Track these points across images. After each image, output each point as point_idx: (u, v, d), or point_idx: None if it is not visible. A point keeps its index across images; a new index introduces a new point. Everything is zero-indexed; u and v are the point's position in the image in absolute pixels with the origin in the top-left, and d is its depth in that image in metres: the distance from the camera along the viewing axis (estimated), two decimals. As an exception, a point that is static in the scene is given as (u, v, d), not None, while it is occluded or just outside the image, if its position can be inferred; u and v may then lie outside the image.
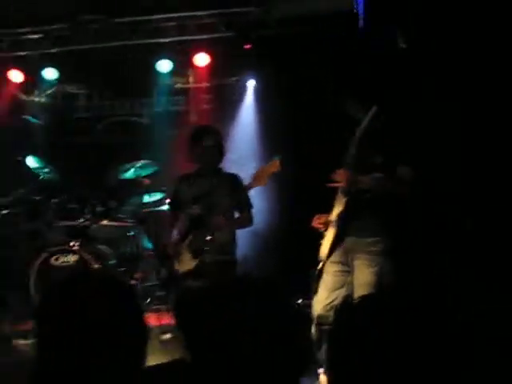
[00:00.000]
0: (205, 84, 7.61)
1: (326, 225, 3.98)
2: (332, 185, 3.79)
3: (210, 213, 4.64)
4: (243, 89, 7.27)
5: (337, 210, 3.90)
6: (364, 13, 4.20)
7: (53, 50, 7.45)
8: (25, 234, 6.53)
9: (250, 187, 4.64)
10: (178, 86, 7.76)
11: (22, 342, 5.07)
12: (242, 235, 5.10)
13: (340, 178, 3.75)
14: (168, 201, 6.22)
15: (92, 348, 1.43)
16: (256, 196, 5.02)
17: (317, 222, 4.02)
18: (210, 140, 4.70)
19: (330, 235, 3.95)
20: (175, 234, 4.82)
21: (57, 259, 5.83)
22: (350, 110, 3.84)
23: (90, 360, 1.43)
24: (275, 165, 4.51)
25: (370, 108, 3.63)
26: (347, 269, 3.85)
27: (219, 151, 4.80)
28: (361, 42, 4.85)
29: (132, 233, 6.44)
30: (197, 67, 7.45)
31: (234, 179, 4.82)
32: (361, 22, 4.24)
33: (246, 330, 1.54)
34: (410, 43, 4.97)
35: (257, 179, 4.53)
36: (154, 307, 5.98)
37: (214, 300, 1.71)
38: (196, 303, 2.17)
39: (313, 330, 3.81)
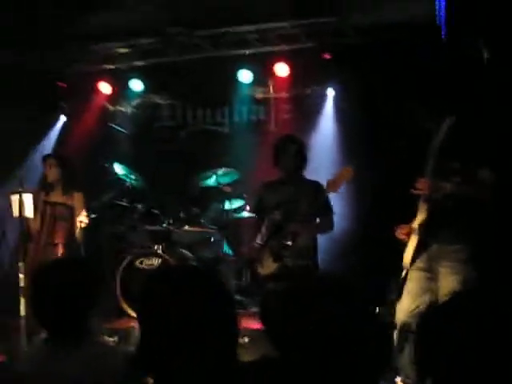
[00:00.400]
0: (284, 94, 7.71)
1: (409, 235, 4.01)
2: (415, 192, 3.81)
3: (290, 219, 4.76)
4: (322, 98, 7.31)
5: (420, 218, 3.93)
6: (445, 22, 4.17)
7: (139, 63, 7.82)
8: (111, 237, 6.82)
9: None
10: (259, 96, 7.89)
11: (108, 339, 5.29)
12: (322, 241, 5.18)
13: (422, 185, 3.78)
14: (249, 208, 6.40)
15: (188, 337, 1.53)
16: (335, 203, 5.08)
17: (400, 233, 4.06)
18: (293, 149, 4.82)
19: (413, 242, 3.97)
20: (259, 238, 4.94)
21: (141, 262, 6.09)
22: (422, 120, 3.88)
23: (186, 348, 1.53)
24: (348, 172, 4.61)
25: (442, 118, 3.66)
26: (431, 275, 3.87)
27: (302, 159, 4.91)
28: (441, 52, 4.82)
29: (213, 238, 6.62)
30: (277, 77, 7.58)
31: (315, 186, 4.92)
32: (443, 32, 4.21)
33: (330, 330, 1.62)
34: (494, 53, 4.91)
35: (330, 185, 4.62)
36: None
37: (298, 301, 1.80)
38: (281, 304, 2.28)
39: (395, 336, 3.83)
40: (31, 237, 5.46)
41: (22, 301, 4.43)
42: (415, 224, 3.96)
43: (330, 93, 7.19)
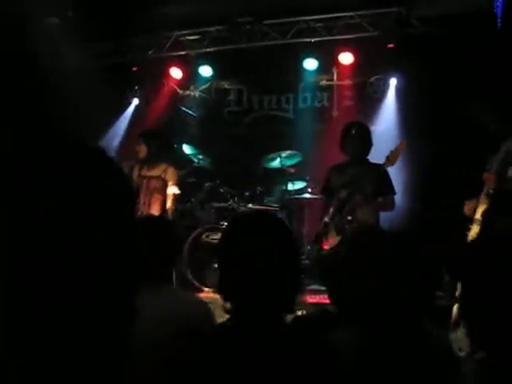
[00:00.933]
0: (348, 81, 7.96)
1: (475, 210, 4.27)
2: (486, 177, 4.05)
3: (354, 197, 5.07)
4: (385, 87, 7.52)
5: (481, 210, 4.16)
6: (503, 13, 4.33)
7: (209, 50, 8.20)
8: (180, 213, 7.22)
9: (385, 167, 5.06)
10: (323, 83, 8.16)
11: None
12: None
13: (486, 178, 4.03)
14: (310, 190, 6.70)
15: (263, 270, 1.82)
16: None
17: (467, 208, 4.33)
18: (358, 134, 5.14)
19: (474, 233, 4.21)
20: (327, 216, 5.24)
21: (207, 236, 6.48)
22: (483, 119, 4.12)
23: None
24: (402, 145, 5.00)
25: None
26: None
27: (367, 144, 5.19)
28: (498, 43, 4.97)
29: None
30: (341, 65, 7.84)
31: (378, 169, 5.18)
32: (499, 23, 4.38)
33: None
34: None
35: (388, 160, 4.97)
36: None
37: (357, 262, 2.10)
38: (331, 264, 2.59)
39: (454, 310, 4.09)
40: None
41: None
42: (477, 215, 4.20)
43: (393, 82, 7.37)
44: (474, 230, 4.20)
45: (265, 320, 1.77)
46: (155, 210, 5.83)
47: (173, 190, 5.79)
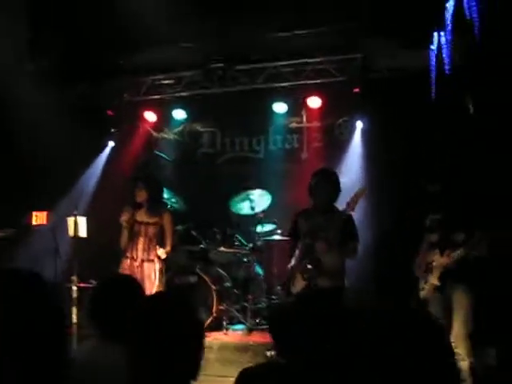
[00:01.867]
0: (317, 124, 8.21)
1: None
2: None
3: (318, 242, 5.21)
4: (352, 129, 7.78)
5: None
6: (435, 77, 4.61)
7: (183, 94, 8.44)
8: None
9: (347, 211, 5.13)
10: (293, 125, 8.40)
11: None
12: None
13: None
14: (280, 231, 6.88)
15: None
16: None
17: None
18: (328, 185, 5.28)
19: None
20: (293, 261, 5.39)
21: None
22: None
23: None
24: (362, 191, 5.12)
25: None
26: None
27: (333, 192, 5.32)
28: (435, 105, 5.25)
29: (246, 259, 7.11)
30: (310, 108, 8.10)
31: (345, 217, 5.31)
32: (432, 87, 4.66)
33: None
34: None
35: (349, 205, 5.06)
36: (262, 326, 6.58)
37: (299, 313, 2.27)
38: (286, 316, 2.76)
39: None
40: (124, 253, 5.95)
41: (75, 310, 5.01)
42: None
43: (359, 124, 7.63)
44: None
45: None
46: (153, 256, 5.97)
47: (161, 252, 5.92)
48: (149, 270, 5.88)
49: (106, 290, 3.02)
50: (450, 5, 3.77)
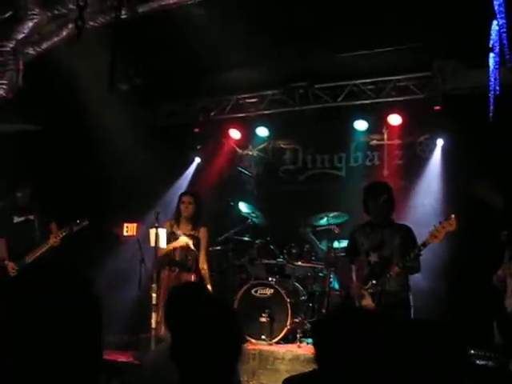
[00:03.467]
0: (397, 141, 8.22)
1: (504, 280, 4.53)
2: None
3: (387, 262, 5.24)
4: (432, 147, 7.73)
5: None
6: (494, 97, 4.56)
7: (266, 112, 8.71)
8: (233, 267, 7.65)
9: (426, 243, 5.02)
10: (373, 142, 8.46)
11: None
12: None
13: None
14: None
15: None
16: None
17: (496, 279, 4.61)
18: (382, 196, 5.30)
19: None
20: (354, 277, 5.46)
21: (256, 291, 6.83)
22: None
23: None
24: (452, 223, 4.91)
25: None
26: None
27: (391, 205, 5.36)
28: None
29: (322, 274, 7.23)
30: (390, 126, 8.13)
31: (405, 230, 5.36)
32: (490, 107, 4.61)
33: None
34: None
35: (433, 235, 4.95)
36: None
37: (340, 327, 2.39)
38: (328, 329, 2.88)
39: None
40: (164, 264, 6.30)
41: (153, 315, 5.33)
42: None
43: (440, 142, 7.58)
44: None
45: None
46: (190, 266, 6.29)
47: (184, 239, 6.14)
48: (185, 280, 6.10)
49: (178, 295, 3.26)
50: (494, 26, 3.77)
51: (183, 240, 6.13)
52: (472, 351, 5.75)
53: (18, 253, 6.40)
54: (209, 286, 6.06)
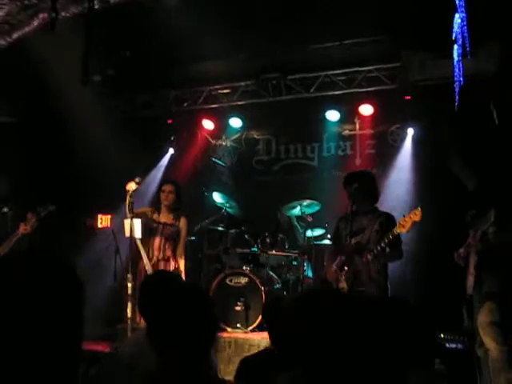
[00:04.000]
0: (369, 131, 8.35)
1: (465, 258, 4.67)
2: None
3: (363, 248, 5.34)
4: (403, 136, 7.88)
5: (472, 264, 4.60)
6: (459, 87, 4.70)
7: (239, 103, 8.76)
8: (208, 257, 7.70)
9: (393, 233, 5.11)
10: (346, 132, 8.58)
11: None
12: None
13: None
14: (329, 236, 7.04)
15: None
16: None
17: (457, 257, 4.74)
18: (353, 184, 5.40)
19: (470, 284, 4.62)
20: (335, 264, 5.56)
21: (231, 280, 6.90)
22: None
23: None
24: (417, 213, 5.02)
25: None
26: None
27: (364, 193, 5.46)
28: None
29: (295, 262, 7.33)
30: (362, 116, 8.25)
31: (384, 217, 5.46)
32: (456, 97, 4.74)
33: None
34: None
35: (401, 225, 5.05)
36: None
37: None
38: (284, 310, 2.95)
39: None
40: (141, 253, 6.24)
41: (129, 305, 5.36)
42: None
43: (410, 131, 7.72)
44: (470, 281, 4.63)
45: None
46: (170, 255, 6.32)
47: (131, 186, 5.94)
48: (165, 268, 6.16)
49: (151, 284, 3.31)
50: (456, 19, 3.89)
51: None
52: (442, 335, 5.91)
53: None
54: (183, 275, 6.13)
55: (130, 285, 5.46)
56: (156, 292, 3.20)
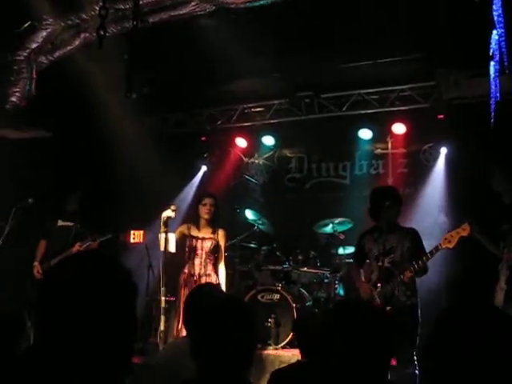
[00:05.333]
0: (402, 150, 8.33)
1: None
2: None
3: (398, 266, 5.31)
4: (436, 155, 7.85)
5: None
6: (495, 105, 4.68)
7: (272, 121, 8.85)
8: (240, 273, 7.73)
9: (439, 248, 5.08)
10: (378, 151, 8.58)
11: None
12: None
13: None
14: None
15: None
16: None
17: None
18: (388, 200, 5.38)
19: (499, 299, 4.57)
20: (369, 281, 5.52)
21: (262, 296, 6.92)
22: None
23: None
24: (466, 228, 4.99)
25: None
26: None
27: (396, 210, 5.45)
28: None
29: (327, 280, 7.32)
30: (394, 134, 8.25)
31: (413, 234, 5.43)
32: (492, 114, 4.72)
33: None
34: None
35: (447, 240, 5.02)
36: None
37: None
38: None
39: None
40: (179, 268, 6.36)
41: (162, 318, 5.42)
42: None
43: (443, 150, 7.69)
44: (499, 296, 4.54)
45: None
46: (211, 269, 6.35)
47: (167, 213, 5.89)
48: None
49: (196, 296, 3.35)
50: (494, 35, 3.90)
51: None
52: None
53: (49, 256, 6.59)
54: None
55: (163, 299, 5.52)
56: (200, 304, 3.24)
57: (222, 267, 6.44)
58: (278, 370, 3.11)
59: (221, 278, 6.38)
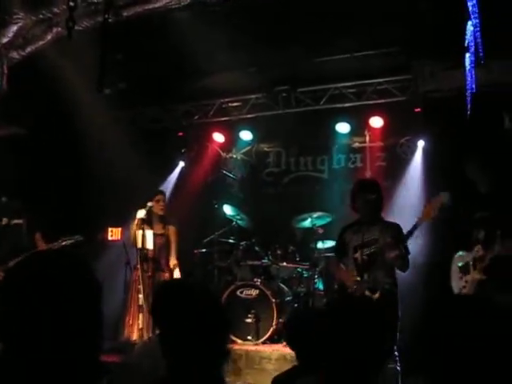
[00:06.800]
0: (379, 143, 8.35)
1: None
2: None
3: (376, 258, 5.27)
4: (413, 148, 7.87)
5: None
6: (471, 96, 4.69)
7: (249, 116, 8.81)
8: (218, 269, 7.69)
9: (420, 222, 4.96)
10: (356, 145, 8.58)
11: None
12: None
13: None
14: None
15: None
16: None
17: None
18: (369, 193, 5.31)
19: None
20: (344, 270, 5.49)
21: (242, 292, 6.89)
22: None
23: None
24: (441, 198, 4.91)
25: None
26: None
27: (378, 202, 5.40)
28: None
29: (306, 274, 7.31)
30: (372, 128, 8.26)
31: (395, 228, 5.39)
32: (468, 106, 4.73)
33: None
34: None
35: (424, 214, 4.93)
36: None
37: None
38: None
39: None
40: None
41: (140, 316, 5.36)
42: None
43: (420, 143, 7.72)
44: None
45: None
46: (164, 265, 6.45)
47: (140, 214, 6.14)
48: (160, 280, 6.20)
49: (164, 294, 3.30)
50: (469, 26, 3.90)
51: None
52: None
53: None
54: None
55: (140, 296, 5.47)
56: (168, 299, 3.19)
57: (174, 261, 6.52)
58: (277, 377, 3.10)
59: (175, 272, 6.44)
